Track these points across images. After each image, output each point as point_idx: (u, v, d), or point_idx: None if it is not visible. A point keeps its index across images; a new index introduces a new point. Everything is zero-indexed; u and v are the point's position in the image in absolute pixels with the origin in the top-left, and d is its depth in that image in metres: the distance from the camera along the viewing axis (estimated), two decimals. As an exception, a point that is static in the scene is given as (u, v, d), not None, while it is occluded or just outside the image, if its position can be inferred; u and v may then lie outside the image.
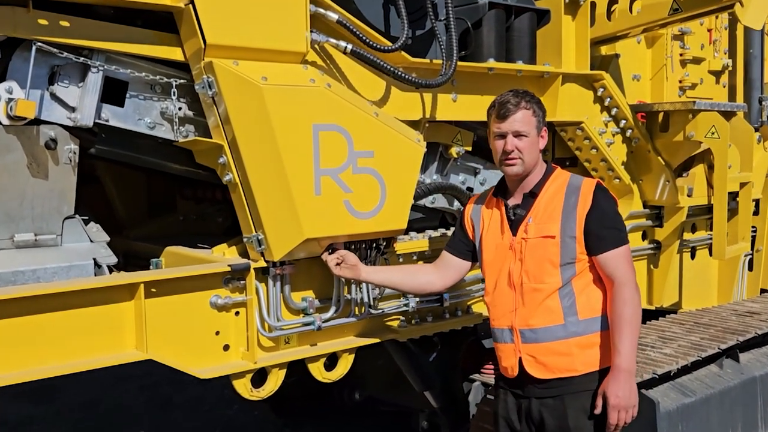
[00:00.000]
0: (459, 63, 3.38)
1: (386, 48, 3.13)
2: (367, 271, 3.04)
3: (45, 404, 6.14)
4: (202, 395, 5.80)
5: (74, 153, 2.80)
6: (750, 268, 5.47)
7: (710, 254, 4.76)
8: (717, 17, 5.34)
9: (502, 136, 2.76)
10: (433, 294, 3.40)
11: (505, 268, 2.78)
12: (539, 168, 2.82)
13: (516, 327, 2.75)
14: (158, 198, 4.08)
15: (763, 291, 5.58)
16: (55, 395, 6.29)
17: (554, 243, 2.68)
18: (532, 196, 2.78)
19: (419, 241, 3.51)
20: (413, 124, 3.39)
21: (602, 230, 2.68)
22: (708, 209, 4.98)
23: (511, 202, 2.82)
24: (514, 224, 2.78)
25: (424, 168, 3.71)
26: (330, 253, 3.00)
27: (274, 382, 3.06)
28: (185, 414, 5.83)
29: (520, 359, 2.74)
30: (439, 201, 3.82)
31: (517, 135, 2.74)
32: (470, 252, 3.02)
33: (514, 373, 2.78)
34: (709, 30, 5.40)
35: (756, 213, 5.37)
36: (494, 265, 2.84)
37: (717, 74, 5.46)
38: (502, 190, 2.90)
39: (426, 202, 3.73)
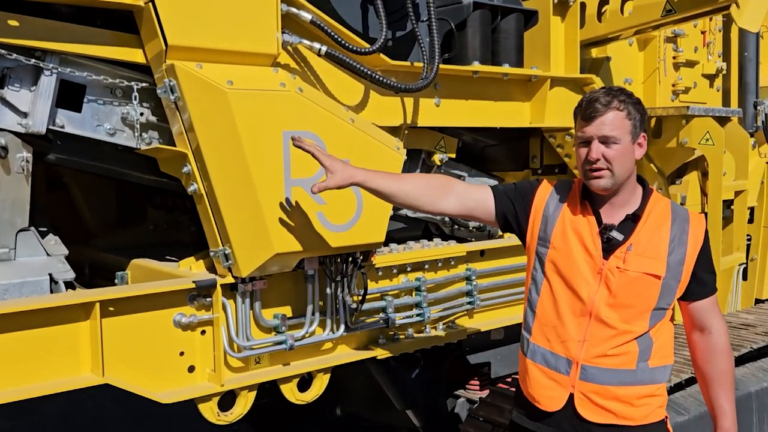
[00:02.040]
0: (442, 66, 3.24)
1: (363, 50, 2.97)
2: (368, 177, 2.50)
3: (20, 418, 5.96)
4: (180, 409, 5.61)
5: (27, 161, 2.62)
6: (744, 278, 5.35)
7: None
8: (711, 19, 5.22)
9: (587, 141, 2.31)
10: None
11: (583, 292, 2.35)
12: (634, 184, 2.39)
13: (579, 361, 2.35)
14: (128, 206, 3.92)
15: (758, 301, 5.46)
16: (30, 409, 6.10)
17: (655, 284, 2.30)
18: (633, 220, 2.35)
19: (400, 254, 3.35)
20: (393, 131, 3.24)
21: (706, 275, 2.39)
22: (702, 217, 4.85)
23: (606, 218, 2.38)
24: (608, 247, 2.35)
25: (406, 176, 3.55)
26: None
27: (243, 405, 2.89)
28: (162, 428, 5.67)
29: (571, 395, 2.38)
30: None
31: (605, 141, 2.29)
32: (509, 221, 2.55)
33: (557, 407, 2.39)
34: (703, 32, 5.28)
35: (751, 221, 5.25)
36: (568, 283, 2.38)
37: (711, 78, 5.34)
38: (589, 197, 2.42)
39: (408, 211, 3.57)
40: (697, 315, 2.43)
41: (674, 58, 5.03)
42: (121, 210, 3.92)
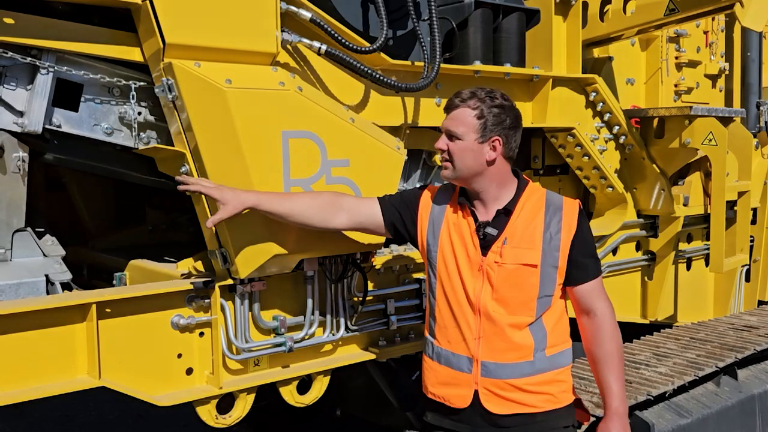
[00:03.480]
0: (443, 65, 3.21)
1: (364, 49, 2.94)
2: (260, 200, 2.49)
3: (17, 419, 5.92)
4: (177, 410, 5.59)
5: (23, 161, 2.60)
6: (747, 279, 5.32)
7: (707, 266, 4.60)
8: (713, 19, 5.19)
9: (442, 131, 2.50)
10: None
11: (470, 290, 2.44)
12: (509, 180, 2.49)
13: (478, 358, 2.43)
14: (127, 206, 3.90)
15: (760, 303, 5.43)
16: (28, 409, 6.07)
17: (534, 273, 2.39)
18: (505, 213, 2.45)
19: (401, 255, 3.31)
20: (393, 131, 3.21)
21: (585, 259, 2.46)
22: (704, 219, 4.86)
23: (481, 216, 2.48)
24: (485, 243, 2.44)
25: (407, 176, 3.53)
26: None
27: (242, 407, 2.86)
28: (160, 428, 5.64)
29: (476, 392, 2.44)
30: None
31: (450, 135, 2.45)
32: (399, 230, 2.62)
33: (464, 404, 2.46)
34: (706, 32, 5.24)
35: (754, 222, 5.22)
36: (455, 283, 2.47)
37: (713, 78, 5.31)
38: (466, 197, 2.52)
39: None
40: (581, 299, 2.48)
41: (677, 58, 5.00)
42: (120, 210, 3.89)
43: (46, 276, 2.68)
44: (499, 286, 2.40)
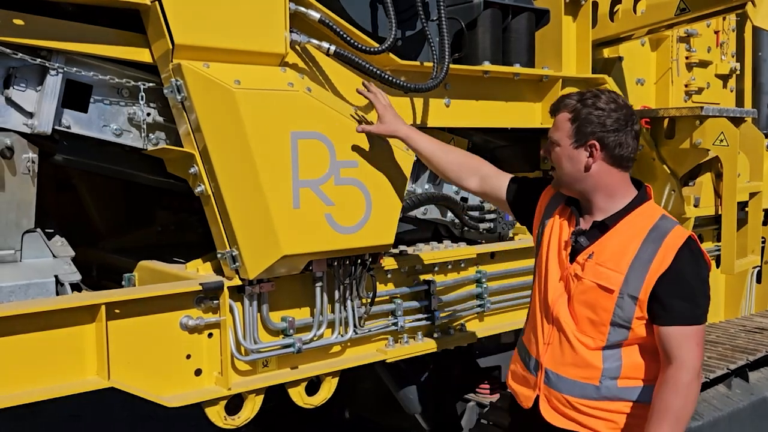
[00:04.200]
0: (452, 66, 3.20)
1: (372, 49, 2.94)
2: (411, 134, 2.75)
3: (26, 419, 5.93)
4: (186, 411, 5.61)
5: (33, 162, 2.60)
6: (759, 281, 5.28)
7: (718, 267, 4.57)
8: (724, 19, 5.17)
9: None
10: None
11: (550, 295, 2.35)
12: (620, 191, 2.28)
13: (543, 364, 2.35)
14: (136, 207, 3.89)
15: (772, 304, 5.39)
16: (37, 409, 6.09)
17: (608, 298, 2.19)
18: (601, 228, 2.28)
19: (409, 256, 3.31)
20: (402, 131, 3.19)
21: (673, 300, 2.14)
22: (715, 220, 4.83)
23: (582, 223, 2.34)
24: (574, 252, 2.31)
25: (415, 177, 3.52)
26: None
27: (251, 408, 2.85)
28: (169, 429, 5.64)
29: (537, 397, 2.38)
30: (431, 212, 3.62)
31: (551, 141, 2.33)
32: (517, 213, 2.63)
33: (527, 405, 2.43)
34: (716, 32, 5.23)
35: (765, 223, 5.18)
36: (542, 283, 2.41)
37: (724, 78, 5.29)
38: (574, 200, 2.40)
39: (417, 213, 3.53)
40: (660, 341, 2.18)
41: (687, 58, 4.98)
42: (129, 211, 3.90)
43: (56, 277, 2.68)
44: (574, 299, 2.28)
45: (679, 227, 2.25)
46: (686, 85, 4.99)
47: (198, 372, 2.73)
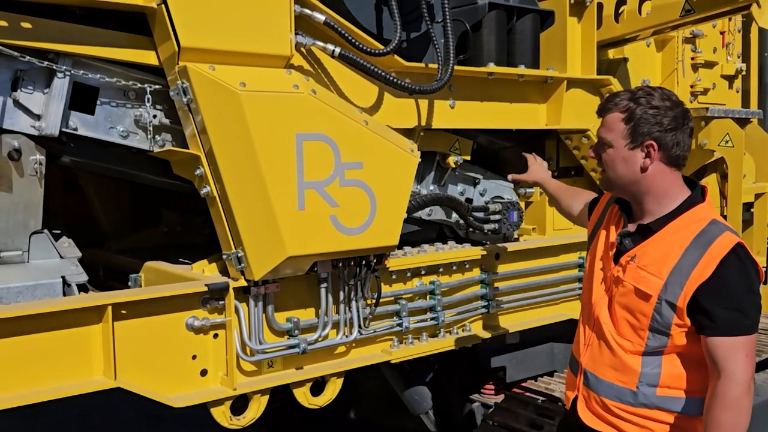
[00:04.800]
0: (457, 67, 3.21)
1: (377, 51, 2.95)
2: (547, 180, 3.11)
3: (33, 419, 5.97)
4: (192, 411, 5.62)
5: (40, 164, 2.62)
6: (764, 282, 5.26)
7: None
8: (730, 19, 5.16)
9: None
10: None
11: (593, 296, 2.32)
12: (671, 194, 2.19)
13: (583, 365, 2.32)
14: (143, 208, 3.91)
15: (778, 305, 5.36)
16: (44, 410, 6.12)
17: (647, 303, 2.14)
18: (645, 232, 2.21)
19: (414, 257, 3.31)
20: (407, 133, 3.22)
21: (716, 309, 2.04)
22: (721, 221, 4.79)
23: (630, 225, 2.28)
24: (618, 253, 2.26)
25: (420, 178, 3.53)
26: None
27: (256, 409, 2.87)
28: (176, 429, 5.66)
29: (576, 397, 2.36)
30: (436, 213, 3.63)
31: (601, 143, 2.25)
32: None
33: (568, 406, 2.43)
34: (722, 33, 5.22)
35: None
36: (588, 281, 2.38)
37: (730, 79, 5.28)
38: (624, 202, 2.34)
39: (422, 214, 3.54)
40: (710, 353, 2.08)
41: (693, 59, 4.98)
42: (136, 212, 3.92)
43: (63, 277, 2.70)
44: (614, 301, 2.24)
45: (728, 234, 2.12)
46: (692, 86, 4.99)
47: (204, 372, 2.74)
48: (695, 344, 2.12)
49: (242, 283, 2.75)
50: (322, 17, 2.84)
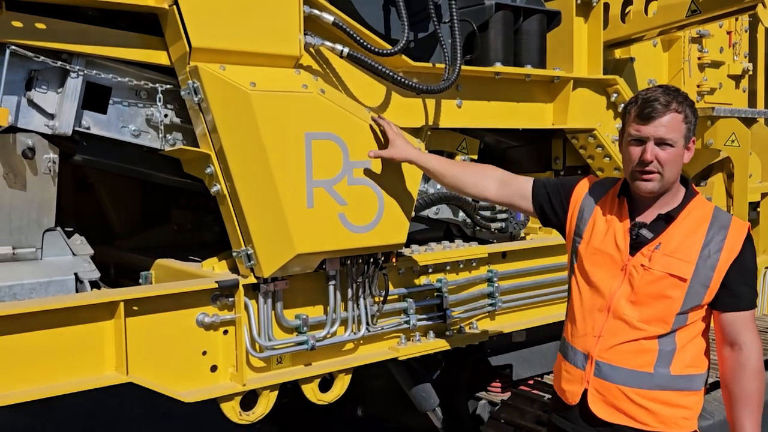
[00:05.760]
0: (464, 67, 3.24)
1: (385, 51, 2.98)
2: (421, 157, 2.81)
3: (44, 415, 6.02)
4: (201, 407, 5.66)
5: (54, 162, 2.66)
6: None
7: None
8: (737, 19, 5.16)
9: (641, 141, 2.27)
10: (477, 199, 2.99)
11: (605, 287, 2.37)
12: (677, 186, 2.36)
13: (594, 356, 2.37)
14: (153, 207, 3.96)
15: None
16: (54, 406, 6.17)
17: (680, 287, 2.25)
18: (667, 219, 2.32)
19: (421, 255, 3.34)
20: (415, 132, 3.25)
21: (740, 286, 2.26)
22: (727, 220, 4.79)
23: (640, 217, 2.37)
24: (635, 244, 2.34)
25: (428, 177, 3.55)
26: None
27: (265, 404, 2.90)
28: (184, 426, 5.72)
29: (586, 391, 2.38)
30: (443, 212, 3.66)
31: (661, 143, 2.25)
32: (546, 213, 2.61)
33: (574, 401, 2.42)
34: (729, 32, 5.22)
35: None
36: (592, 277, 2.40)
37: (737, 78, 5.28)
38: (627, 194, 2.42)
39: (429, 213, 3.57)
40: (728, 328, 2.29)
41: (699, 58, 4.98)
42: (146, 211, 3.96)
43: (75, 274, 2.74)
44: (640, 290, 2.31)
45: (735, 217, 2.35)
46: (698, 86, 5.00)
47: (214, 368, 2.78)
48: (700, 321, 2.31)
49: (252, 280, 2.78)
50: (330, 18, 2.87)
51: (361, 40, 2.94)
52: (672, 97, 2.27)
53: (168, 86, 2.73)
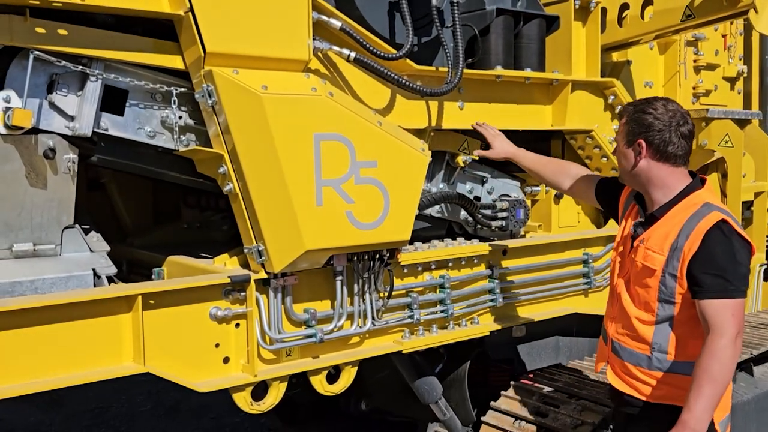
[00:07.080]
0: (466, 70, 3.33)
1: (390, 55, 3.08)
2: (519, 154, 3.32)
3: (53, 411, 6.13)
4: (208, 402, 5.78)
5: (73, 162, 2.77)
6: (765, 279, 5.37)
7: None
8: (732, 22, 5.25)
9: None
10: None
11: (617, 276, 2.76)
12: (668, 184, 2.58)
13: (610, 335, 2.75)
14: (163, 205, 4.05)
15: (778, 301, 5.47)
16: (63, 402, 6.28)
17: (655, 276, 2.53)
18: (651, 219, 2.62)
19: (425, 252, 3.45)
20: (418, 133, 3.35)
21: (705, 276, 2.40)
22: (722, 218, 4.88)
23: (642, 216, 2.71)
24: (633, 239, 2.69)
25: (431, 177, 3.66)
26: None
27: (275, 395, 3.01)
28: (192, 421, 5.80)
29: (607, 363, 2.80)
30: (445, 210, 3.76)
31: (616, 142, 2.75)
32: (606, 205, 3.04)
33: (597, 371, 3.00)
34: (724, 35, 5.31)
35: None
36: (614, 267, 2.81)
37: (732, 81, 5.36)
38: (638, 193, 2.76)
39: (432, 211, 3.67)
40: (700, 314, 2.42)
41: (695, 61, 5.06)
42: (157, 209, 4.06)
43: (93, 270, 2.84)
44: (630, 279, 2.66)
45: (715, 213, 2.47)
46: (694, 88, 5.08)
47: (226, 360, 2.89)
48: (696, 314, 2.47)
49: (263, 275, 2.88)
50: (338, 23, 2.98)
51: (367, 45, 3.04)
52: (635, 104, 2.67)
53: (183, 89, 2.84)
